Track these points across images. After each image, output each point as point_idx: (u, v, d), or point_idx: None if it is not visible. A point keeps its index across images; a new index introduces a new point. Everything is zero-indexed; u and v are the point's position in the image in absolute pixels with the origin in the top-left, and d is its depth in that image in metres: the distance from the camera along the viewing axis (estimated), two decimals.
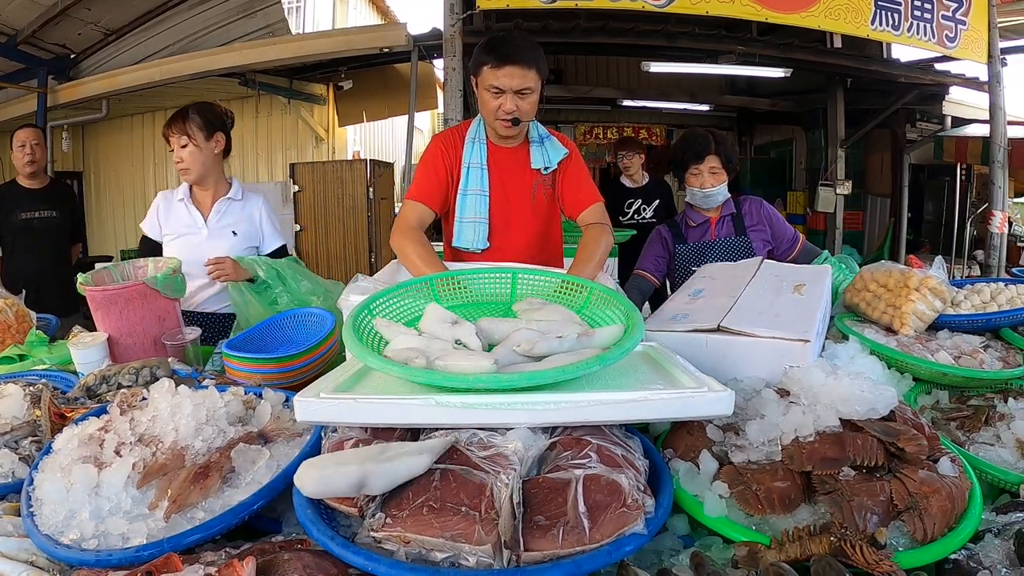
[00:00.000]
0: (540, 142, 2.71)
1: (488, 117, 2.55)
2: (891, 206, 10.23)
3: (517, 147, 2.70)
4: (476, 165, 2.63)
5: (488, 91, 2.46)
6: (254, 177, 9.87)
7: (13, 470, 1.44)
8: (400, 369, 1.25)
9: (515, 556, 1.00)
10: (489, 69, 2.43)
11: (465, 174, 2.63)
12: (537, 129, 2.72)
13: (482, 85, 2.48)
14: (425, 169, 2.64)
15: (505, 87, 2.42)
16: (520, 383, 1.22)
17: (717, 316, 1.75)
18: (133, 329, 2.22)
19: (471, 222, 2.63)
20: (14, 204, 4.40)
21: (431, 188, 2.61)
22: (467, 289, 1.89)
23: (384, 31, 8.00)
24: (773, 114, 11.39)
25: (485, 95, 2.49)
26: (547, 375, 1.24)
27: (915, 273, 2.10)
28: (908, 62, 8.15)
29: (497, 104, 2.46)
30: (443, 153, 2.64)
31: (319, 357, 2.00)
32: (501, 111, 2.47)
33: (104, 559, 1.06)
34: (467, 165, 2.63)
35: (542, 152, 2.69)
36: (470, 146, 2.64)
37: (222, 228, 3.03)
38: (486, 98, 2.49)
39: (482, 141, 2.65)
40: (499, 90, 2.43)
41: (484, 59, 2.44)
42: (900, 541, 1.09)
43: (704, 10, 5.79)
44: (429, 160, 2.65)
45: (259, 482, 1.25)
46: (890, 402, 1.30)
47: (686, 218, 3.25)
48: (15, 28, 7.14)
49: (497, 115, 2.49)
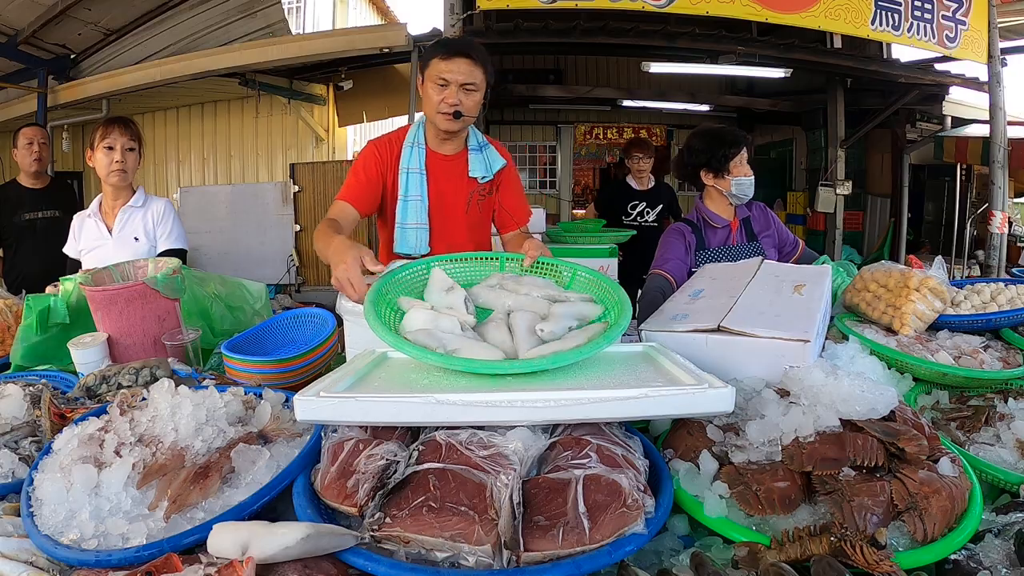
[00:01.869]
0: (479, 150, 2.73)
1: (430, 112, 2.54)
2: (891, 206, 10.24)
3: (456, 155, 2.71)
4: (415, 171, 2.62)
5: (434, 83, 2.47)
6: (254, 177, 9.89)
7: (13, 470, 1.44)
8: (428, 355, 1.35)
9: (515, 556, 1.00)
10: (439, 60, 2.46)
11: (404, 180, 2.62)
12: (476, 137, 2.75)
13: (429, 78, 2.49)
14: (355, 173, 2.63)
15: (452, 79, 2.44)
16: (542, 366, 1.33)
17: (717, 316, 1.74)
18: (133, 329, 2.22)
19: (413, 228, 2.63)
20: (17, 204, 4.37)
21: (358, 190, 2.58)
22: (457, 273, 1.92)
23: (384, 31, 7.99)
24: (773, 114, 11.39)
25: (430, 89, 2.49)
26: (568, 356, 1.36)
27: (915, 273, 2.10)
28: (908, 62, 8.15)
29: (441, 97, 2.47)
30: (377, 159, 2.62)
31: (319, 358, 2.00)
32: (444, 103, 2.47)
33: (104, 559, 1.06)
34: (405, 170, 2.62)
35: (481, 160, 2.71)
36: (408, 151, 2.64)
37: (125, 236, 3.17)
38: (431, 92, 2.49)
39: (421, 146, 2.65)
40: (445, 82, 2.45)
41: (436, 52, 2.49)
42: (900, 541, 1.09)
43: (704, 10, 5.80)
44: (360, 164, 2.64)
45: (259, 482, 1.25)
46: (890, 402, 1.30)
47: (705, 219, 3.10)
48: (15, 28, 7.14)
49: (439, 108, 2.49)
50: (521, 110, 12.19)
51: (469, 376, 1.44)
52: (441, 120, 2.52)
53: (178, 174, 10.14)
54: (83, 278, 2.29)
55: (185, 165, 10.12)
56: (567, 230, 5.17)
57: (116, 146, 3.07)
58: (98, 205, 3.23)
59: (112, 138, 3.06)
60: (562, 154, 12.78)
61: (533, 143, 12.77)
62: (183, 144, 10.11)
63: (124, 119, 3.18)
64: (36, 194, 4.39)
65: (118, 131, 3.07)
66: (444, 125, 2.54)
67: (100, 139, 3.07)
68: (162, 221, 3.24)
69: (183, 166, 10.14)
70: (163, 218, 3.24)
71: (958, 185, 9.36)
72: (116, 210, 3.19)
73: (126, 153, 3.10)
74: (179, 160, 10.14)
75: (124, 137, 3.08)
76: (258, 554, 0.96)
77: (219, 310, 2.50)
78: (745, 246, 3.05)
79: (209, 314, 2.49)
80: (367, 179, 2.60)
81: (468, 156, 2.71)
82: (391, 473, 1.15)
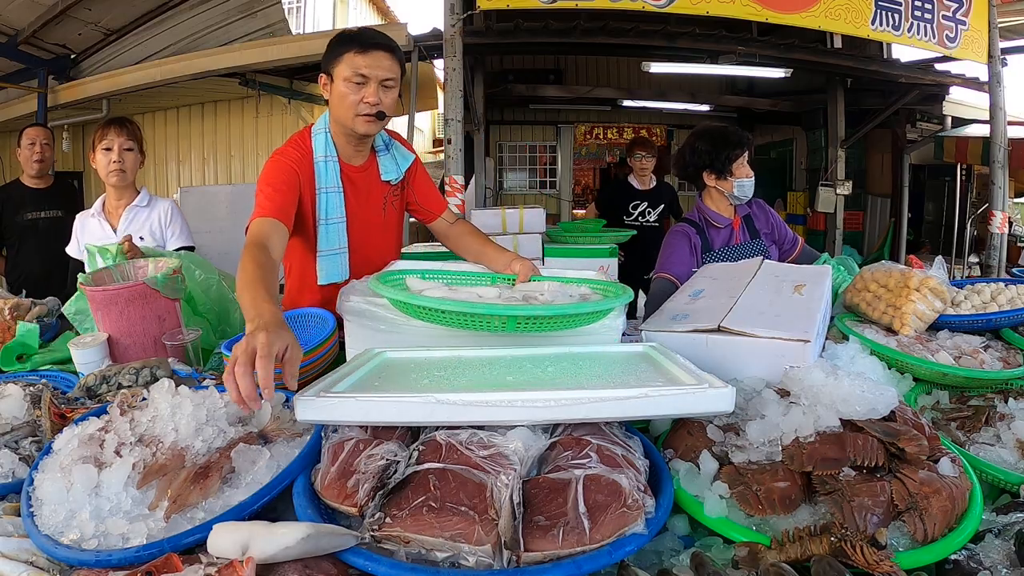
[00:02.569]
0: (386, 149, 2.53)
1: (346, 114, 2.26)
2: (891, 206, 10.25)
3: (366, 162, 2.50)
4: (333, 190, 2.38)
5: (348, 82, 2.21)
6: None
7: (13, 470, 1.44)
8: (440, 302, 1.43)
9: (515, 556, 1.00)
10: (354, 55, 2.20)
11: (324, 201, 2.37)
12: (381, 136, 2.52)
13: (340, 76, 2.23)
14: (274, 183, 2.27)
15: (371, 75, 2.21)
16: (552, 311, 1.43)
17: (717, 316, 1.75)
18: (133, 329, 2.22)
19: (335, 254, 2.42)
20: (20, 204, 4.37)
21: (281, 201, 2.22)
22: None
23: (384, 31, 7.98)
24: (773, 114, 11.40)
25: (343, 88, 2.22)
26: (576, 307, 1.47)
27: (915, 273, 2.10)
28: (908, 62, 8.16)
29: (360, 96, 2.23)
30: (291, 172, 2.32)
31: (318, 358, 1.99)
32: (364, 104, 2.23)
33: (104, 559, 1.06)
34: (323, 190, 2.37)
35: (391, 161, 2.52)
36: (322, 167, 2.37)
37: (131, 235, 3.13)
38: (345, 91, 2.22)
39: (334, 159, 2.39)
40: (364, 79, 2.21)
41: (347, 46, 2.22)
42: (900, 541, 1.09)
43: (704, 10, 5.79)
44: (278, 174, 2.30)
45: (259, 482, 1.25)
46: (890, 402, 1.30)
47: (707, 219, 3.09)
48: (15, 28, 7.13)
49: (359, 109, 2.24)
50: (521, 110, 12.21)
51: (469, 375, 1.45)
52: (361, 123, 2.27)
53: (178, 174, 10.13)
54: (83, 278, 2.29)
55: (185, 165, 10.11)
56: (567, 230, 5.16)
57: (114, 147, 3.10)
58: (101, 205, 3.25)
59: (109, 139, 3.09)
60: (562, 154, 12.80)
61: (533, 143, 12.80)
62: (183, 144, 10.10)
63: (122, 119, 3.21)
64: (38, 194, 4.39)
65: (115, 132, 3.10)
66: (364, 128, 2.29)
67: (98, 141, 3.10)
68: (171, 222, 3.29)
69: (183, 166, 10.13)
70: (171, 219, 3.30)
71: (958, 185, 9.37)
72: (120, 210, 3.22)
73: (124, 153, 3.13)
74: (179, 160, 10.13)
75: (121, 137, 3.11)
76: (258, 554, 0.96)
77: (240, 316, 2.49)
78: (749, 244, 3.05)
79: (230, 317, 2.52)
80: (286, 191, 2.27)
81: (377, 160, 2.52)
82: (391, 473, 1.15)
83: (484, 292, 1.67)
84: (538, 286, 1.82)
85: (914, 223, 10.39)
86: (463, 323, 1.57)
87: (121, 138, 3.11)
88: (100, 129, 3.12)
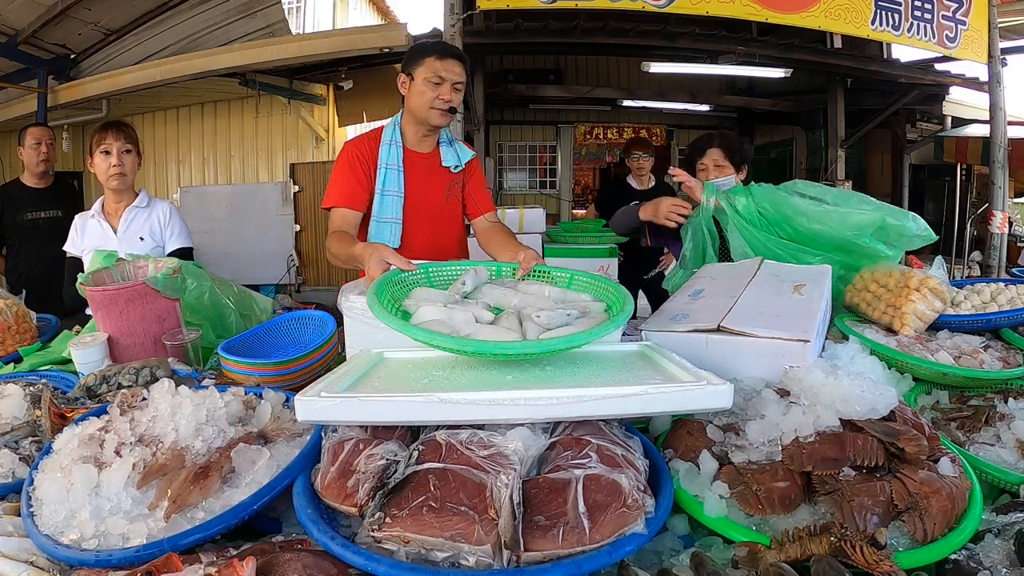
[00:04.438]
0: (450, 144, 2.90)
1: (422, 108, 2.66)
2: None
3: (430, 152, 2.86)
4: (393, 167, 2.74)
5: (427, 82, 2.61)
6: (254, 177, 9.88)
7: (13, 470, 1.44)
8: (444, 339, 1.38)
9: (515, 556, 1.00)
10: (434, 60, 2.61)
11: (382, 175, 2.73)
12: (445, 133, 2.90)
13: (421, 76, 2.63)
14: (344, 173, 2.74)
15: (446, 77, 2.61)
16: (553, 347, 1.38)
17: (717, 316, 1.75)
18: (133, 329, 2.22)
19: (387, 222, 2.74)
20: (20, 204, 4.36)
21: (352, 193, 2.70)
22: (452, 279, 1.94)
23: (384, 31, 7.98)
24: (773, 114, 11.40)
25: (422, 86, 2.63)
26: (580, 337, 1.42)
27: (915, 273, 2.10)
28: (908, 62, 8.16)
29: (436, 94, 2.62)
30: (359, 157, 2.74)
31: (317, 360, 1.99)
32: (439, 100, 2.63)
33: (104, 559, 1.07)
34: (384, 166, 2.73)
35: (452, 152, 2.88)
36: (386, 149, 2.75)
37: (131, 236, 3.21)
38: (423, 88, 2.63)
39: (398, 144, 2.76)
40: (441, 80, 2.61)
41: (428, 53, 2.64)
42: (900, 541, 1.09)
43: (704, 10, 5.79)
44: (345, 164, 2.75)
45: (259, 482, 1.25)
46: (890, 402, 1.30)
47: None
48: (15, 28, 7.12)
49: (435, 104, 2.64)
50: (521, 110, 12.21)
51: (469, 374, 1.45)
52: (436, 115, 2.66)
53: (178, 174, 10.12)
54: (83, 278, 2.29)
55: (185, 165, 10.10)
56: (567, 230, 5.16)
57: (112, 150, 3.11)
58: (100, 207, 3.26)
59: (108, 142, 3.10)
60: (562, 154, 12.79)
61: (533, 143, 12.79)
62: (183, 144, 10.09)
63: (118, 122, 3.23)
64: (39, 194, 4.39)
65: (112, 135, 3.11)
66: (438, 120, 2.69)
67: (96, 145, 3.11)
68: (169, 223, 3.31)
69: (183, 166, 10.12)
70: (170, 220, 3.32)
71: (958, 185, 9.37)
72: (119, 211, 3.23)
73: (123, 156, 3.14)
74: (179, 160, 10.12)
75: (119, 141, 3.12)
76: None
77: (236, 320, 2.52)
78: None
79: (225, 322, 2.51)
80: (356, 179, 2.71)
81: (440, 150, 2.87)
82: (391, 473, 1.15)
83: (481, 314, 1.66)
84: (536, 299, 1.81)
85: None
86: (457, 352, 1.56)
87: (119, 141, 3.12)
88: (97, 133, 3.13)
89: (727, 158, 3.08)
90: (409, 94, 2.70)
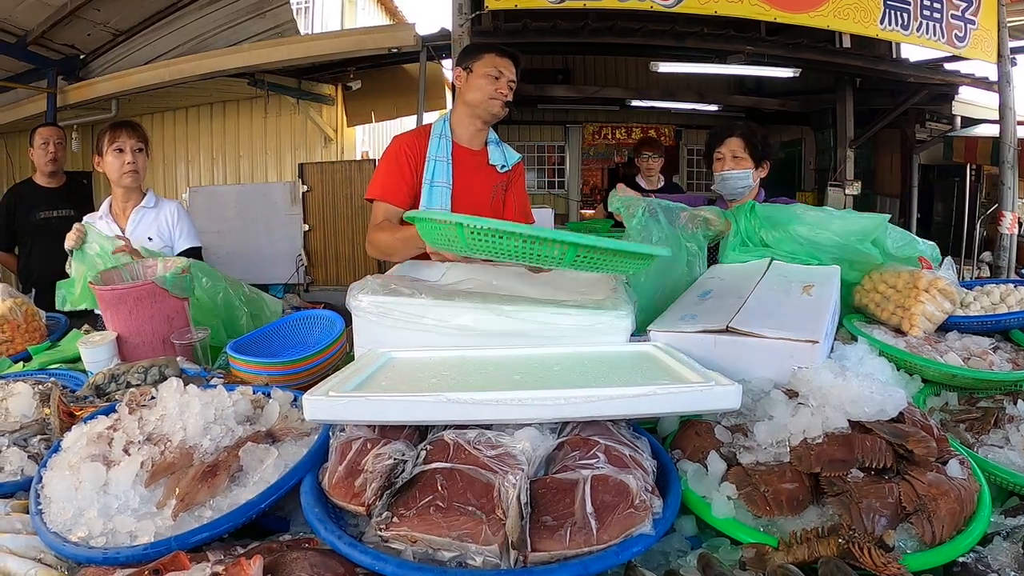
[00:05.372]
0: (497, 144, 2.97)
1: (482, 99, 2.75)
2: (900, 207, 10.18)
3: (479, 150, 2.92)
4: (441, 159, 2.79)
5: (487, 75, 2.73)
6: (263, 177, 9.91)
7: (22, 468, 1.45)
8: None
9: (522, 556, 1.00)
10: (494, 55, 2.75)
11: (431, 167, 2.78)
12: (493, 133, 2.97)
13: (480, 70, 2.74)
14: (388, 167, 2.80)
15: (504, 73, 2.73)
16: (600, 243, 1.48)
17: (726, 316, 1.74)
18: (142, 328, 2.23)
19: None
20: (32, 203, 4.40)
21: (397, 186, 2.76)
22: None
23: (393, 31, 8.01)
24: (782, 114, 11.35)
25: (482, 80, 2.74)
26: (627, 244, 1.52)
27: (924, 274, 2.09)
28: (917, 62, 8.10)
29: (495, 87, 2.73)
30: (407, 151, 2.79)
31: (326, 359, 1.99)
32: (498, 92, 2.73)
33: (112, 557, 1.07)
34: (432, 159, 2.78)
35: (499, 152, 2.95)
36: (435, 142, 2.80)
37: (139, 236, 3.18)
38: (482, 83, 2.74)
39: (447, 138, 2.82)
40: (500, 74, 2.73)
41: (488, 48, 2.79)
42: (908, 544, 1.09)
43: (713, 10, 5.78)
44: (392, 158, 2.80)
45: (267, 481, 1.25)
46: (899, 404, 1.29)
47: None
48: (24, 29, 7.14)
49: (493, 95, 2.74)
50: (529, 110, 12.17)
51: (477, 374, 1.45)
52: (496, 105, 2.76)
53: (187, 174, 10.15)
54: (93, 277, 2.30)
55: (194, 165, 10.13)
56: (575, 230, 5.15)
57: (126, 148, 3.11)
58: (108, 208, 3.26)
59: (121, 141, 3.10)
60: (570, 154, 12.77)
61: (541, 143, 12.77)
62: (192, 144, 10.12)
63: (130, 122, 3.24)
64: (51, 193, 4.42)
65: (126, 134, 3.11)
66: (496, 110, 2.78)
67: (109, 143, 3.11)
68: (177, 223, 3.32)
69: (192, 166, 10.15)
70: (178, 220, 3.33)
71: (968, 185, 9.33)
72: (127, 211, 3.24)
73: (136, 154, 3.14)
74: (188, 160, 10.15)
75: (133, 139, 3.12)
76: None
77: (247, 321, 2.56)
78: None
79: (237, 323, 2.54)
80: (401, 174, 2.77)
81: (488, 149, 2.94)
82: (399, 472, 1.15)
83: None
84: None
85: (923, 224, 10.32)
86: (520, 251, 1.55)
87: (132, 140, 3.12)
88: (109, 132, 3.13)
89: (747, 150, 2.99)
90: (466, 87, 2.79)
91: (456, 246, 1.65)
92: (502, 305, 1.71)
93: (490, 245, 1.56)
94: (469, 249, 1.61)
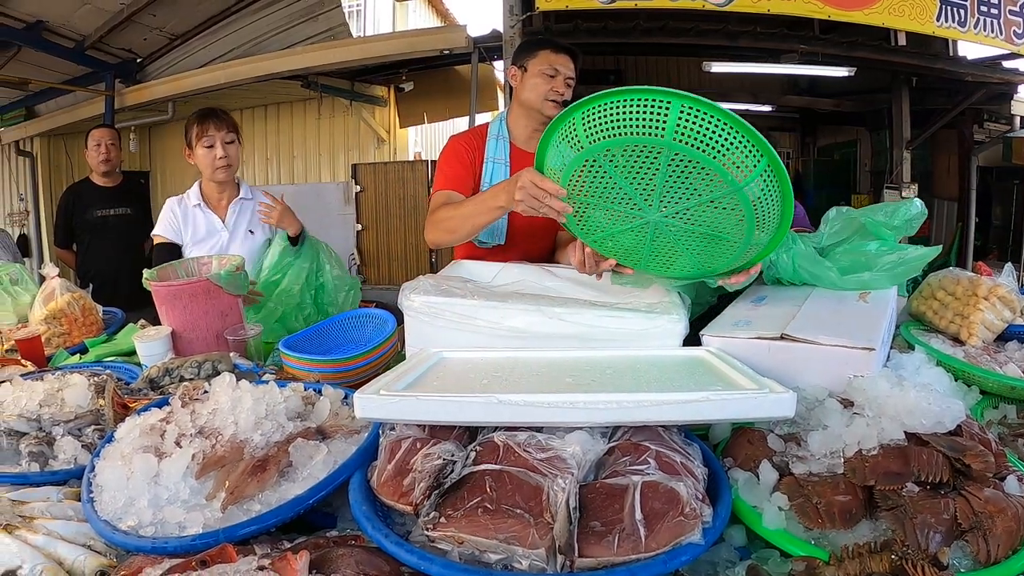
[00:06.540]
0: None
1: (537, 99, 2.64)
2: (958, 210, 9.91)
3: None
4: (500, 161, 2.71)
5: (542, 74, 2.61)
6: (317, 177, 10.06)
7: (76, 456, 1.49)
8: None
9: (569, 561, 0.99)
10: (549, 52, 2.62)
11: (489, 169, 2.70)
12: None
13: (535, 68, 2.63)
14: (449, 163, 2.71)
15: (560, 70, 2.61)
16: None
17: (781, 323, 1.71)
18: (196, 324, 2.27)
19: None
20: (89, 202, 4.53)
21: (460, 177, 2.67)
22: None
23: (444, 33, 8.04)
24: (837, 114, 11.15)
25: (537, 79, 2.62)
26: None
27: (983, 281, 2.04)
28: (975, 60, 7.86)
29: (550, 86, 2.61)
30: (465, 148, 2.72)
31: (377, 358, 2.01)
32: (553, 91, 2.61)
33: (160, 546, 1.09)
34: (491, 160, 2.71)
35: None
36: (493, 143, 2.73)
37: (240, 230, 3.12)
38: (537, 81, 2.62)
39: (505, 139, 2.74)
40: (556, 72, 2.61)
41: (543, 46, 2.66)
42: (962, 562, 1.05)
43: (765, 8, 5.71)
44: (452, 155, 2.73)
45: (316, 477, 1.27)
46: (957, 416, 1.26)
47: None
48: (83, 34, 7.32)
49: (548, 95, 2.61)
50: None
51: (529, 376, 1.45)
52: (550, 107, 2.61)
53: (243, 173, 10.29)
54: (149, 274, 2.35)
55: (249, 165, 10.29)
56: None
57: (216, 142, 2.97)
58: (200, 196, 3.12)
59: (210, 135, 2.96)
60: None
61: None
62: (247, 145, 10.20)
63: (216, 111, 3.09)
64: (108, 192, 4.54)
65: (214, 126, 2.98)
66: (552, 111, 2.60)
67: (197, 137, 2.98)
68: None
69: (247, 166, 10.31)
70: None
71: None
72: (223, 202, 3.14)
73: (227, 147, 3.01)
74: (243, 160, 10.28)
75: (222, 132, 2.98)
76: None
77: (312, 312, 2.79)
78: None
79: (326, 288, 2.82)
80: (463, 167, 2.69)
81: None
82: (447, 473, 1.16)
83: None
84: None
85: (982, 228, 10.04)
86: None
87: (221, 132, 2.98)
88: (197, 124, 2.99)
89: None
90: (521, 86, 2.70)
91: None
92: (553, 307, 1.71)
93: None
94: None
